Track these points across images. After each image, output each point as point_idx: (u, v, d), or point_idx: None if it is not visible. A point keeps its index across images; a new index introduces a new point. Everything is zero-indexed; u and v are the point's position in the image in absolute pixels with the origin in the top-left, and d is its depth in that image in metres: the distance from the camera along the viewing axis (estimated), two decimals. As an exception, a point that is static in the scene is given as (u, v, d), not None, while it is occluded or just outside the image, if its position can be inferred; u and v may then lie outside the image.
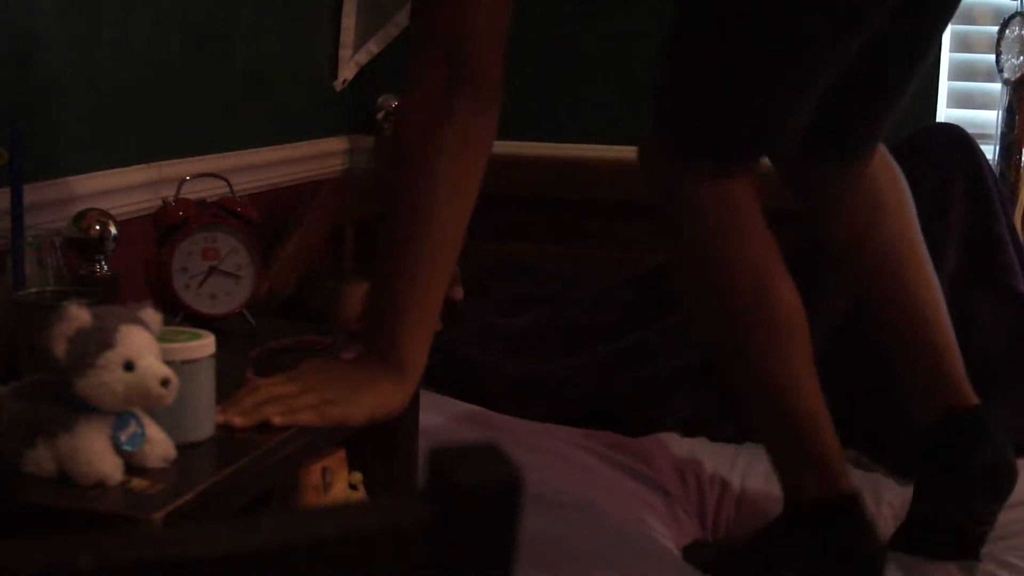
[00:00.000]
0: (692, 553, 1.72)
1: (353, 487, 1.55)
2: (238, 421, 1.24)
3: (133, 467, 1.10)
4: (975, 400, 1.70)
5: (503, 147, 2.53)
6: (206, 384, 1.19)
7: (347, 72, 2.54)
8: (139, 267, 1.62)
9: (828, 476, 1.62)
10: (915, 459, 1.75)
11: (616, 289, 2.39)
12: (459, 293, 1.75)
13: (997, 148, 2.29)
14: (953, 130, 2.24)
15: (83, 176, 1.76)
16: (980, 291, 2.12)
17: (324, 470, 1.48)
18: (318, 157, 2.49)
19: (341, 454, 1.53)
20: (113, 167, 1.84)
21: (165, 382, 1.08)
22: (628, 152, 2.53)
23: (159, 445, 1.11)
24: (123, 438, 1.08)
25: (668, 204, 1.61)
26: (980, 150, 2.22)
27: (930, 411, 1.71)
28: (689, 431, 2.08)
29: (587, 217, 2.54)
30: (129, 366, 1.07)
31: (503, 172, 2.55)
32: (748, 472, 1.95)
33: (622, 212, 2.49)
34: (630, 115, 2.56)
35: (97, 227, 1.50)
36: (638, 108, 2.50)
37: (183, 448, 1.14)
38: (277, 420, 1.24)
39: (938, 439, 1.70)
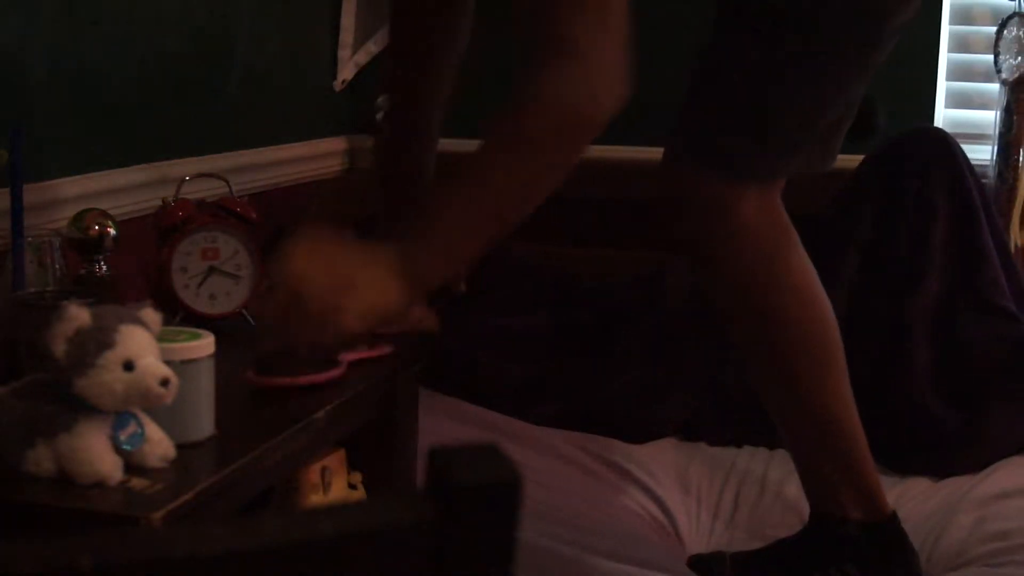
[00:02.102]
0: (699, 564, 1.71)
1: (352, 487, 1.55)
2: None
3: (132, 467, 1.10)
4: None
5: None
6: (206, 384, 1.20)
7: (346, 72, 2.54)
8: (139, 267, 1.62)
9: (870, 499, 1.63)
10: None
11: (615, 291, 2.39)
12: (462, 287, 1.76)
13: (995, 148, 2.29)
14: (934, 136, 2.23)
15: (83, 176, 1.76)
16: (966, 308, 2.12)
17: (324, 470, 1.48)
18: (318, 157, 2.49)
19: (340, 454, 1.53)
20: (113, 167, 1.84)
21: (165, 382, 1.08)
22: (627, 152, 2.54)
23: (158, 445, 1.12)
24: (122, 438, 1.09)
25: (710, 224, 1.59)
26: (963, 156, 2.21)
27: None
28: (688, 435, 2.08)
29: (587, 217, 2.54)
30: (129, 366, 1.07)
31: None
32: (747, 476, 1.95)
33: (622, 212, 2.49)
34: (630, 115, 2.56)
35: (97, 227, 1.49)
36: (638, 108, 2.50)
37: (182, 448, 1.14)
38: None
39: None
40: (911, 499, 1.85)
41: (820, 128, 1.56)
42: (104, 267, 1.51)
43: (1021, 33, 2.26)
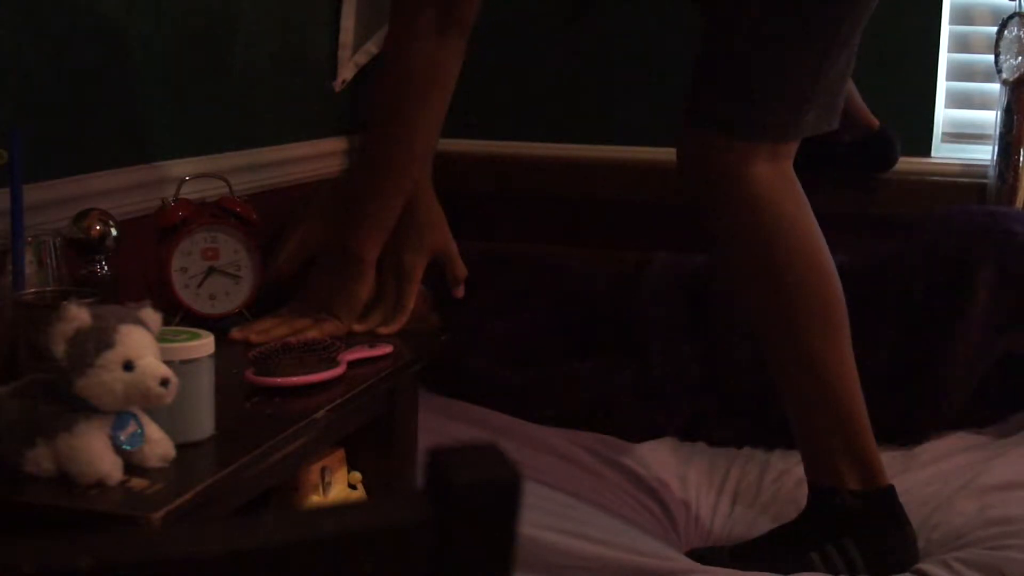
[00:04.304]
0: (698, 558, 1.71)
1: (352, 487, 1.55)
2: (254, 338, 1.51)
3: (132, 467, 1.10)
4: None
5: (504, 147, 2.55)
6: (206, 384, 1.20)
7: (346, 72, 2.53)
8: (139, 267, 1.62)
9: (868, 469, 1.65)
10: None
11: (614, 290, 2.38)
12: (460, 292, 1.79)
13: (995, 148, 2.29)
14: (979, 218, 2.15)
15: (83, 176, 1.76)
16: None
17: (323, 470, 1.48)
18: (318, 157, 2.49)
19: (340, 454, 1.53)
20: (113, 167, 1.84)
21: (164, 382, 1.08)
22: (628, 152, 2.54)
23: (158, 445, 1.12)
24: (122, 438, 1.09)
25: (725, 189, 1.63)
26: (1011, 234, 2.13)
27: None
28: (688, 435, 2.08)
29: (587, 217, 2.54)
30: (128, 366, 1.07)
31: (503, 172, 2.56)
32: (745, 474, 1.95)
33: (622, 212, 2.50)
34: (630, 115, 2.57)
35: (97, 227, 1.49)
36: (637, 108, 2.51)
37: (182, 448, 1.14)
38: (292, 339, 1.46)
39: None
40: (910, 485, 1.84)
41: (823, 86, 1.61)
42: (104, 267, 1.50)
43: (1021, 33, 2.26)
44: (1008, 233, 2.09)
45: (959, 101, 2.43)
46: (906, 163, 2.31)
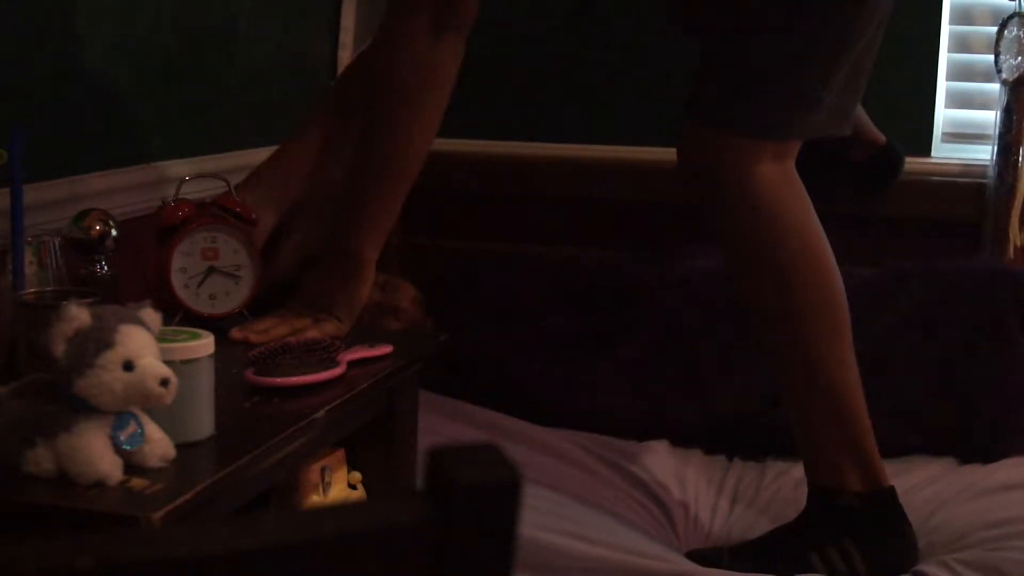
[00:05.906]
0: (697, 559, 1.72)
1: (352, 487, 1.55)
2: (254, 338, 1.51)
3: (132, 467, 1.10)
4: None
5: (502, 147, 2.55)
6: (205, 384, 1.20)
7: (346, 72, 2.54)
8: (139, 267, 1.62)
9: (869, 470, 1.65)
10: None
11: (614, 290, 2.38)
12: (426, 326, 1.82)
13: (995, 148, 2.29)
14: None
15: (83, 176, 1.76)
16: None
17: (323, 470, 1.48)
18: (318, 157, 2.49)
19: (340, 454, 1.53)
20: (113, 167, 1.84)
21: (164, 382, 1.08)
22: (628, 152, 2.54)
23: (158, 445, 1.12)
24: (122, 438, 1.09)
25: (728, 189, 1.64)
26: None
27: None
28: (684, 443, 2.07)
29: (587, 217, 2.54)
30: (128, 366, 1.07)
31: (501, 172, 2.56)
32: (744, 477, 1.95)
33: (622, 212, 2.50)
34: (630, 115, 2.57)
35: (97, 227, 1.49)
36: (637, 108, 2.51)
37: (182, 448, 1.14)
38: (292, 339, 1.45)
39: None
40: (911, 486, 1.84)
41: (831, 87, 1.61)
42: (104, 267, 1.51)
43: (1021, 33, 2.26)
44: None
45: (959, 101, 2.43)
46: (906, 163, 2.32)
